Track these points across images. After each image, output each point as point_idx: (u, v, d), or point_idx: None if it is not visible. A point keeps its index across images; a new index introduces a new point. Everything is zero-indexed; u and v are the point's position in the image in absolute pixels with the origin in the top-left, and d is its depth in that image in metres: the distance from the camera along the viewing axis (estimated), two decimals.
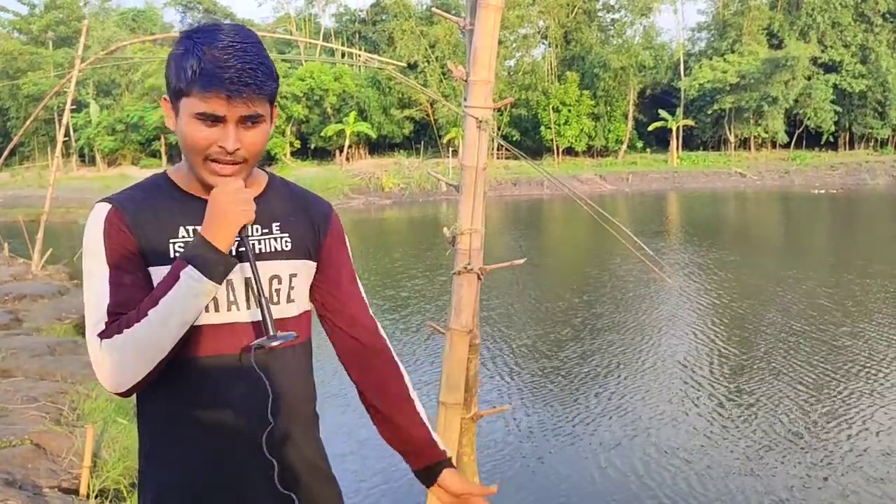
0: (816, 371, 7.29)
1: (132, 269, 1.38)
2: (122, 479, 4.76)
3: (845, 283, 11.61)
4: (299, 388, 1.53)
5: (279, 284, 1.49)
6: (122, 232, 1.38)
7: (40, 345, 7.42)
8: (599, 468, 5.34)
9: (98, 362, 1.35)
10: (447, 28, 46.47)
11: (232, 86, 1.31)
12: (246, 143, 1.37)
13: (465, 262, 1.92)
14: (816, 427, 5.93)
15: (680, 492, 4.93)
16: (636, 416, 6.31)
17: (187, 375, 1.41)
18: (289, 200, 1.56)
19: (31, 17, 56.66)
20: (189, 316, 1.34)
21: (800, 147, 48.86)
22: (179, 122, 1.38)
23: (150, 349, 1.32)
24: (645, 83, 51.72)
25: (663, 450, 5.59)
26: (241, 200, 1.36)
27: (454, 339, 1.97)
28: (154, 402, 1.45)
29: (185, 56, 1.34)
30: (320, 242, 1.57)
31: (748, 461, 5.34)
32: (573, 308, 10.65)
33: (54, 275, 12.51)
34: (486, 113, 1.87)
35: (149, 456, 1.48)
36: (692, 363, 7.75)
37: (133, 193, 1.46)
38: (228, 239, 1.35)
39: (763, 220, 25.50)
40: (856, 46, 47.81)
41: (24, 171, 46.34)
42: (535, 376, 7.51)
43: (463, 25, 1.91)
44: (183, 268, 1.33)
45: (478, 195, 1.87)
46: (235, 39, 1.34)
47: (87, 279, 1.40)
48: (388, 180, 37.60)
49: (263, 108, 1.38)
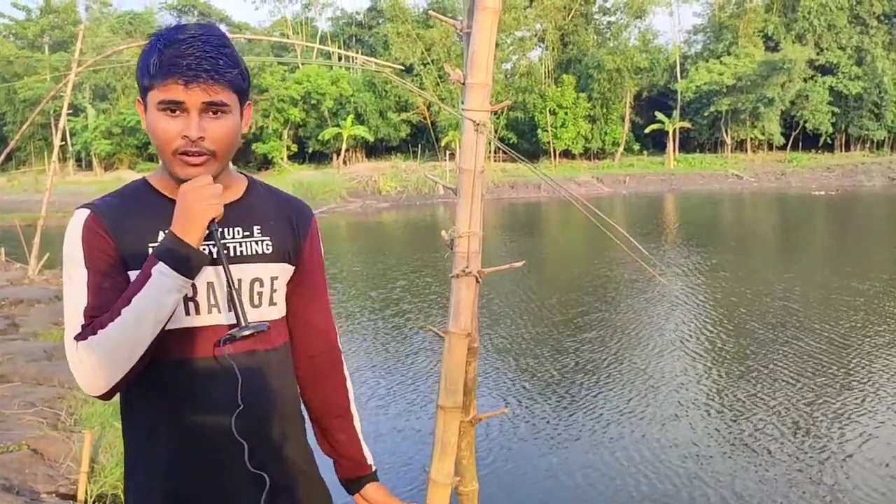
0: (816, 369, 7.30)
1: (111, 273, 1.38)
2: (119, 484, 4.74)
3: (844, 284, 11.63)
4: (281, 389, 1.53)
5: (261, 287, 1.49)
6: (100, 237, 1.38)
7: (37, 350, 7.40)
8: (598, 470, 5.34)
9: (75, 365, 1.35)
10: (443, 31, 46.55)
11: (189, 71, 1.32)
12: (210, 132, 1.36)
13: (464, 265, 1.92)
14: (816, 425, 5.94)
15: (679, 493, 4.92)
16: (635, 417, 6.30)
17: (169, 378, 1.41)
18: (270, 204, 1.56)
19: (26, 21, 56.64)
20: (163, 313, 1.33)
21: (796, 149, 49.00)
22: (148, 119, 1.38)
23: (126, 348, 1.32)
24: (641, 85, 51.85)
25: (663, 451, 5.59)
26: (208, 195, 1.35)
27: (453, 342, 1.96)
28: (136, 406, 1.45)
29: (148, 53, 1.35)
30: (300, 246, 1.57)
31: (749, 462, 5.34)
32: (572, 310, 10.66)
33: (51, 279, 12.48)
34: (484, 116, 1.87)
35: (133, 459, 1.49)
36: (691, 364, 7.75)
37: (111, 199, 1.46)
38: (198, 233, 1.34)
39: (761, 221, 25.53)
40: (851, 49, 47.97)
41: (21, 175, 46.27)
42: (533, 379, 7.51)
43: (460, 28, 1.91)
44: (154, 265, 1.32)
45: (476, 198, 1.86)
46: (197, 32, 1.35)
47: (67, 284, 1.40)
48: (386, 183, 37.62)
49: (227, 96, 1.37)
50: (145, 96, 1.38)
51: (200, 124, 1.35)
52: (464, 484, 2.15)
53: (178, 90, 1.33)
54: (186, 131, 1.34)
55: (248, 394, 1.42)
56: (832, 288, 11.43)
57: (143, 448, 1.46)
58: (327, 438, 1.69)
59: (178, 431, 1.43)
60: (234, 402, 1.40)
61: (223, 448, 1.43)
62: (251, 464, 1.41)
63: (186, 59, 1.32)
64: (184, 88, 1.32)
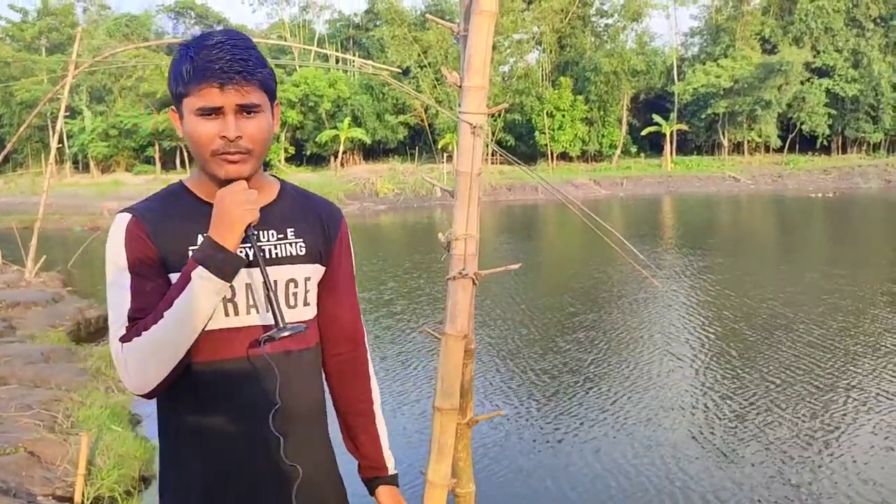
0: (805, 371, 7.31)
1: (153, 276, 1.42)
2: (116, 486, 4.74)
3: (837, 286, 11.65)
4: (312, 388, 1.59)
5: (296, 288, 1.54)
6: (142, 241, 1.43)
7: (34, 352, 7.39)
8: (596, 472, 5.34)
9: (121, 366, 1.40)
10: (439, 34, 46.60)
11: (224, 74, 1.36)
12: (247, 132, 1.41)
13: (460, 267, 1.93)
14: (812, 426, 5.95)
15: (675, 494, 4.93)
16: (632, 419, 6.31)
17: (207, 378, 1.46)
18: (301, 206, 1.61)
19: (23, 23, 56.54)
20: (203, 314, 1.38)
21: (793, 151, 49.10)
22: (185, 125, 1.43)
23: (169, 349, 1.37)
24: (638, 88, 51.94)
25: (660, 452, 5.60)
26: (244, 200, 1.39)
27: (449, 344, 1.97)
28: (174, 405, 1.51)
29: (180, 61, 1.41)
30: (330, 248, 1.62)
31: (746, 463, 5.35)
32: (568, 312, 10.67)
33: (48, 282, 12.47)
34: (481, 118, 1.88)
35: (168, 456, 1.55)
36: (687, 366, 7.76)
37: (151, 203, 1.51)
38: (235, 238, 1.39)
39: (757, 224, 25.59)
40: (848, 51, 48.11)
41: (18, 177, 46.18)
42: (530, 381, 7.52)
43: (457, 31, 1.92)
44: (194, 268, 1.37)
45: (473, 200, 1.87)
46: (224, 37, 1.41)
47: (110, 288, 1.44)
48: (383, 186, 37.63)
49: (259, 97, 1.42)
50: (180, 104, 1.43)
51: (237, 124, 1.40)
52: (460, 486, 2.16)
53: (213, 93, 1.38)
54: (224, 132, 1.39)
55: (284, 392, 1.47)
56: (824, 290, 11.45)
57: (179, 446, 1.52)
58: (350, 436, 1.74)
59: (213, 429, 1.48)
60: (270, 400, 1.45)
61: (256, 444, 1.48)
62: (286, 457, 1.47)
63: (218, 62, 1.37)
64: (219, 91, 1.38)
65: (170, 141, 47.54)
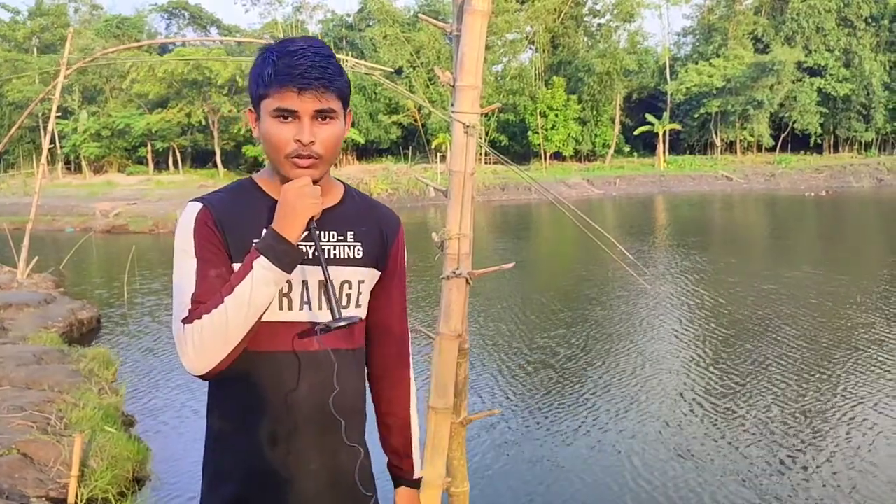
0: (806, 370, 7.35)
1: (218, 263, 1.50)
2: (110, 487, 4.73)
3: (828, 285, 11.71)
4: (356, 389, 1.66)
5: (349, 289, 1.61)
6: (210, 229, 1.50)
7: (26, 353, 7.36)
8: (590, 470, 5.35)
9: (181, 346, 1.45)
10: (432, 34, 46.59)
11: (303, 80, 1.43)
12: (320, 137, 1.48)
13: (454, 266, 1.93)
14: (809, 426, 5.98)
15: (672, 493, 4.95)
16: (626, 417, 6.33)
17: (261, 367, 1.53)
18: (363, 211, 1.67)
19: (14, 23, 56.27)
20: (262, 303, 1.45)
21: (785, 150, 49.28)
22: (261, 126, 1.50)
23: (227, 333, 1.43)
24: (631, 87, 52.04)
25: (655, 451, 5.61)
26: (307, 195, 1.46)
27: (443, 343, 1.97)
28: (225, 392, 1.57)
29: (262, 65, 1.48)
30: (387, 254, 1.69)
31: (742, 463, 5.37)
32: (562, 311, 10.69)
33: (40, 283, 12.42)
34: (474, 118, 1.88)
35: (213, 442, 1.60)
36: (681, 364, 7.79)
37: (221, 195, 1.58)
38: (297, 231, 1.46)
39: (749, 223, 25.67)
40: (839, 51, 48.31)
41: (10, 178, 45.98)
42: (524, 380, 7.53)
43: (449, 31, 1.92)
44: (255, 258, 1.44)
45: (466, 200, 1.88)
46: (305, 44, 1.48)
47: (177, 271, 1.51)
48: (377, 185, 37.59)
49: (335, 103, 1.49)
50: (258, 105, 1.50)
51: (311, 129, 1.47)
52: (455, 485, 2.16)
53: (292, 97, 1.44)
54: (299, 136, 1.46)
55: (339, 381, 1.55)
56: (814, 289, 11.50)
57: (224, 431, 1.57)
58: (385, 434, 1.82)
59: (261, 416, 1.54)
60: (327, 387, 1.54)
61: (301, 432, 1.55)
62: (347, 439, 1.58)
63: (299, 68, 1.43)
64: (297, 95, 1.44)
65: (162, 142, 47.40)
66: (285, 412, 1.53)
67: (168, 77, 44.06)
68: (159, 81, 44.90)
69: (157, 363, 8.45)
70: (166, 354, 8.71)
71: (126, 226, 26.48)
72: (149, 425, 6.43)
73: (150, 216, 27.96)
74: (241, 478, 1.55)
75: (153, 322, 10.67)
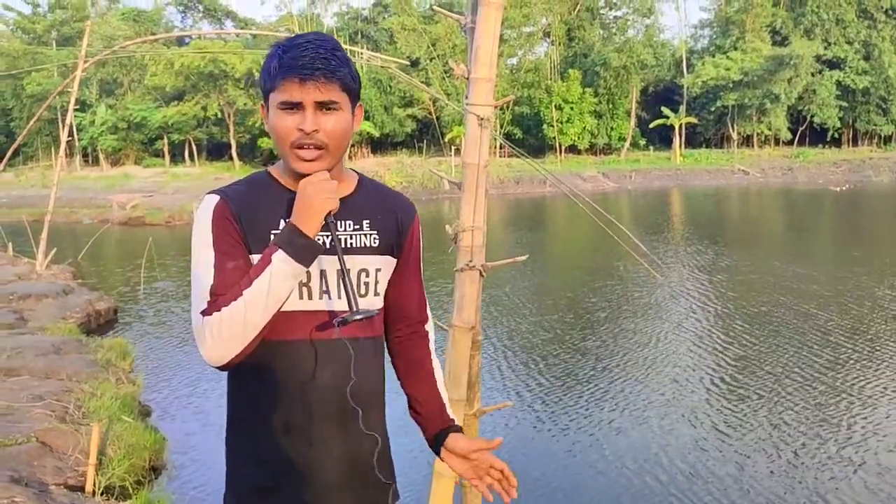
0: (819, 368, 7.30)
1: (236, 255, 1.51)
2: (127, 476, 4.78)
3: (847, 282, 11.61)
4: (375, 377, 1.66)
5: (367, 278, 1.63)
6: (228, 221, 1.52)
7: (45, 344, 7.45)
8: (602, 464, 5.35)
9: (199, 337, 1.47)
10: (448, 26, 46.43)
11: (304, 70, 1.46)
12: (324, 127, 1.49)
13: (468, 259, 1.94)
14: (820, 425, 5.94)
15: (683, 487, 4.94)
16: (639, 411, 6.32)
17: (279, 356, 1.55)
18: (378, 199, 1.68)
19: (34, 16, 56.64)
20: (280, 296, 1.46)
21: (803, 144, 48.81)
22: (269, 119, 1.53)
23: (245, 326, 1.44)
24: (647, 81, 51.67)
25: (667, 446, 5.60)
26: (325, 190, 1.48)
27: (457, 335, 1.98)
28: (243, 381, 1.59)
29: (270, 59, 1.52)
30: (402, 242, 1.70)
31: (754, 459, 5.35)
32: (576, 305, 10.67)
33: (58, 274, 12.55)
34: (488, 111, 1.88)
35: (234, 429, 1.63)
36: (695, 359, 7.75)
37: (239, 187, 1.60)
38: (315, 225, 1.48)
39: (766, 217, 25.46)
40: (859, 43, 47.75)
41: (28, 171, 46.36)
42: (537, 372, 7.53)
43: (464, 23, 1.92)
44: (274, 251, 1.46)
45: (479, 192, 1.88)
46: (312, 38, 1.51)
47: (195, 263, 1.52)
48: (391, 179, 37.61)
49: (338, 95, 1.50)
50: (267, 99, 1.53)
51: (315, 119, 1.48)
52: None
53: (294, 87, 1.47)
54: (302, 125, 1.48)
55: (357, 370, 1.56)
56: (832, 285, 11.41)
57: (245, 419, 1.60)
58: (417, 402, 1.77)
59: (279, 404, 1.56)
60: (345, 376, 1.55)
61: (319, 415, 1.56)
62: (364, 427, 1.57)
63: (302, 59, 1.46)
64: (299, 85, 1.46)
65: (178, 134, 47.60)
66: (303, 401, 1.56)
67: (184, 70, 44.24)
68: (176, 74, 45.09)
69: (173, 353, 8.52)
70: (182, 344, 8.78)
71: (142, 218, 26.70)
72: (165, 415, 6.50)
73: (165, 208, 28.17)
74: (265, 465, 1.58)
75: (169, 313, 10.76)
